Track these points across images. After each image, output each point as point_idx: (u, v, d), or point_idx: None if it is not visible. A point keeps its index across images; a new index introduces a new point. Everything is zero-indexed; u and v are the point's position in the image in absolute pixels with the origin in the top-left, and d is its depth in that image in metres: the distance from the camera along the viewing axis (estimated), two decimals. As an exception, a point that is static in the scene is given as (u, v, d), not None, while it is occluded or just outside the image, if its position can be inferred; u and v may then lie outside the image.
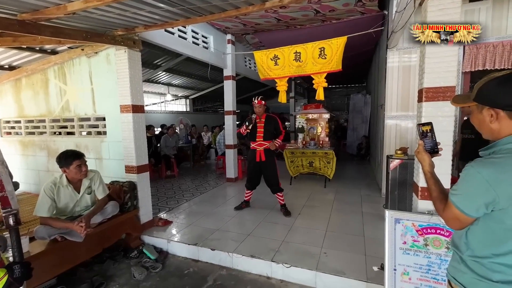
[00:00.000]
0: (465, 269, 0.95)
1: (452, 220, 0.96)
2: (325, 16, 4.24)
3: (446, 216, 0.98)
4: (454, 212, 0.94)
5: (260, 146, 3.67)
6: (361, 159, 8.12)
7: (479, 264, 0.92)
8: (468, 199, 0.90)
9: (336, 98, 12.95)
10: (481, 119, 0.94)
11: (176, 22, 2.88)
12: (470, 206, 0.89)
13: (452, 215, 0.95)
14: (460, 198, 0.92)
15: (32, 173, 4.30)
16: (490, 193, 0.84)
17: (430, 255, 1.77)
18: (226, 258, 2.70)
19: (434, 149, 1.15)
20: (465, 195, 0.90)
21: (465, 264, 0.96)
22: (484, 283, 0.90)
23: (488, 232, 0.90)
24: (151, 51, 6.07)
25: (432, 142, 1.15)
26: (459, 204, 0.92)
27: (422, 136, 1.16)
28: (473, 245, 0.94)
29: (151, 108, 11.48)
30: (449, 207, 0.96)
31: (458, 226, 0.96)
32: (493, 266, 0.88)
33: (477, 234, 0.93)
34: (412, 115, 3.90)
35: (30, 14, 2.29)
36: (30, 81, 3.96)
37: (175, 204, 4.27)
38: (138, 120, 3.22)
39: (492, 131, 0.91)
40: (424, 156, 1.12)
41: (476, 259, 0.92)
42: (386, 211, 1.89)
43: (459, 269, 0.98)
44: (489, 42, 3.29)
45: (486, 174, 0.84)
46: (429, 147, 1.15)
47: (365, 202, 4.10)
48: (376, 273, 2.26)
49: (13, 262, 1.22)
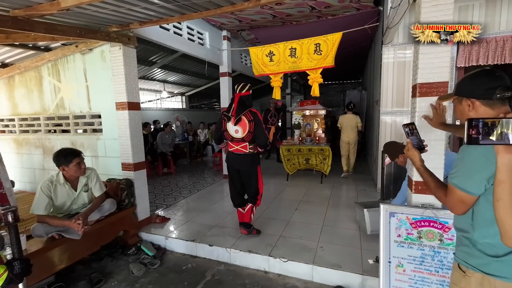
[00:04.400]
0: (477, 253, 1.00)
1: (456, 203, 1.00)
2: (320, 13, 4.24)
3: (449, 201, 1.03)
4: (457, 195, 0.99)
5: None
6: (357, 154, 8.17)
7: (489, 245, 0.97)
8: (470, 176, 0.95)
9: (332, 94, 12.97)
10: (461, 109, 1.08)
11: (171, 18, 2.86)
12: (472, 183, 0.95)
13: (456, 198, 0.99)
14: (461, 178, 0.97)
15: (27, 172, 4.26)
16: (488, 166, 0.91)
17: (424, 248, 1.81)
18: (224, 254, 2.73)
19: (420, 146, 1.25)
20: (466, 174, 0.97)
21: (476, 248, 1.01)
22: (497, 262, 0.96)
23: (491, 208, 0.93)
24: (146, 48, 6.02)
25: (418, 139, 1.27)
26: (462, 184, 0.97)
27: (409, 134, 1.27)
28: (481, 225, 0.99)
29: (147, 105, 11.39)
30: (451, 191, 1.01)
31: (463, 209, 1.00)
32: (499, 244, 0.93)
33: (482, 213, 0.98)
34: (407, 111, 3.94)
35: (23, 10, 2.26)
36: (24, 79, 3.91)
37: (173, 201, 4.28)
38: (134, 117, 3.21)
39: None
40: (414, 152, 1.22)
41: (486, 238, 0.98)
42: (381, 205, 1.93)
43: (470, 253, 1.03)
44: (482, 38, 3.32)
45: (482, 150, 0.92)
46: (416, 144, 1.26)
47: (361, 197, 4.15)
48: (372, 265, 2.31)
49: (13, 259, 1.23)
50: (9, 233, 1.24)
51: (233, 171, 2.94)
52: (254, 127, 2.71)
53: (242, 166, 2.86)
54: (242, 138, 2.76)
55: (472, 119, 0.80)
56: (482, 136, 0.78)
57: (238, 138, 2.78)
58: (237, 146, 2.82)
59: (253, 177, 2.90)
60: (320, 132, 5.75)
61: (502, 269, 0.95)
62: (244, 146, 2.80)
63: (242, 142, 2.78)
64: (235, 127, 2.74)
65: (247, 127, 2.71)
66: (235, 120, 2.71)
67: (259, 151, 2.87)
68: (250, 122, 2.71)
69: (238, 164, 2.86)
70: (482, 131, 0.78)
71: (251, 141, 2.77)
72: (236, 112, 2.71)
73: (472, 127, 0.79)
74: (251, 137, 2.74)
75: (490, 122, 0.78)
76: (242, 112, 2.70)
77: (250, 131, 2.72)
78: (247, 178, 2.91)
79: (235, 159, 2.87)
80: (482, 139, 0.79)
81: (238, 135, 2.76)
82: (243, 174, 2.90)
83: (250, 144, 2.78)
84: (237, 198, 2.99)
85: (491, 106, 0.99)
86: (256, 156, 2.88)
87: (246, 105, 2.75)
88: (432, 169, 1.18)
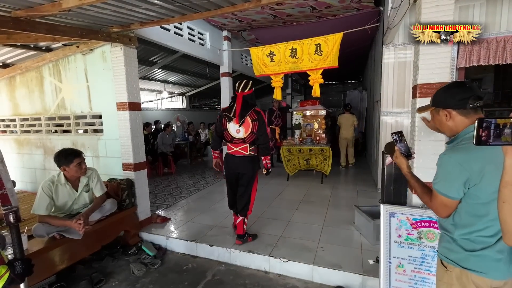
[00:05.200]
0: (457, 248, 1.06)
1: (440, 207, 1.07)
2: (321, 13, 4.25)
3: (434, 205, 1.10)
4: (440, 199, 1.06)
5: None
6: (358, 155, 8.18)
7: (468, 241, 1.04)
8: (448, 182, 1.03)
9: (332, 94, 12.96)
10: (439, 119, 1.13)
11: (172, 19, 2.87)
12: (451, 188, 1.02)
13: (439, 202, 1.06)
14: (441, 184, 1.04)
15: (28, 172, 4.27)
16: (463, 173, 0.98)
17: (424, 248, 1.81)
18: (224, 254, 2.73)
19: (408, 153, 1.31)
20: (445, 180, 1.03)
21: (456, 243, 1.07)
22: (473, 257, 1.02)
23: (469, 210, 1.02)
24: (147, 48, 6.03)
25: (405, 147, 1.31)
26: (442, 189, 1.04)
27: (397, 141, 1.31)
28: (460, 225, 1.05)
29: (147, 105, 11.40)
30: (435, 196, 1.08)
31: (446, 212, 1.07)
32: (477, 239, 1.02)
33: (461, 214, 1.04)
34: (407, 111, 3.93)
35: (24, 11, 2.26)
36: (25, 79, 3.92)
37: (173, 201, 4.28)
38: (135, 117, 3.21)
39: (450, 128, 1.10)
40: (402, 159, 1.29)
41: (465, 236, 1.04)
42: (382, 206, 1.93)
43: (450, 249, 1.09)
44: (483, 38, 3.32)
45: (457, 158, 1.01)
46: (403, 151, 1.30)
47: (362, 197, 4.15)
48: (372, 266, 2.31)
49: (14, 259, 1.23)
50: (10, 233, 1.25)
51: (231, 174, 2.80)
52: (258, 128, 2.58)
53: (242, 169, 2.70)
54: (243, 139, 2.62)
55: (483, 119, 0.77)
56: (493, 137, 0.77)
57: (239, 139, 2.64)
58: (237, 147, 2.67)
59: (249, 184, 2.73)
60: (320, 132, 5.75)
61: (479, 264, 1.01)
62: (244, 148, 2.65)
63: (242, 143, 2.64)
64: (237, 127, 2.61)
65: (250, 127, 2.58)
66: (239, 122, 2.57)
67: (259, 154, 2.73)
68: (253, 121, 2.57)
69: (237, 167, 2.72)
70: (493, 133, 0.76)
71: (252, 143, 2.64)
72: (240, 114, 2.55)
73: (482, 128, 0.77)
74: (253, 139, 2.61)
75: (502, 124, 0.76)
76: (246, 114, 2.55)
77: (252, 132, 2.58)
78: (242, 181, 2.74)
79: (234, 162, 2.74)
80: (493, 140, 0.77)
81: (239, 135, 2.62)
82: (241, 178, 2.75)
83: (250, 146, 2.64)
84: (234, 204, 2.90)
85: (466, 115, 1.05)
86: (256, 159, 2.74)
87: (249, 105, 2.60)
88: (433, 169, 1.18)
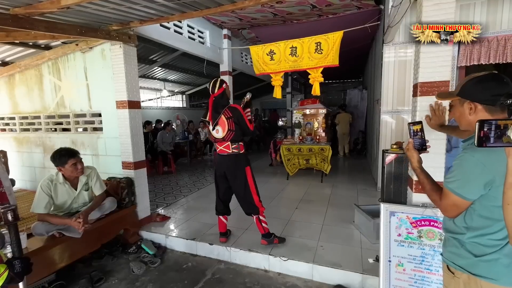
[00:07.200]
0: (465, 253, 1.02)
1: (450, 207, 1.02)
2: (321, 11, 4.23)
3: (443, 205, 1.04)
4: (452, 199, 1.00)
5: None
6: (358, 153, 8.18)
7: (477, 244, 0.99)
8: (467, 183, 0.96)
9: (332, 93, 12.95)
10: (462, 111, 1.06)
11: (171, 17, 2.85)
12: (469, 189, 0.96)
13: (451, 202, 1.01)
14: (458, 184, 0.98)
15: (28, 170, 4.27)
16: (485, 173, 0.92)
17: (424, 247, 1.81)
18: (224, 252, 2.73)
19: (422, 146, 1.22)
20: (463, 180, 0.97)
21: (464, 248, 1.02)
22: (483, 262, 0.97)
23: (483, 212, 0.97)
24: (147, 46, 6.00)
25: (421, 140, 1.23)
26: (458, 189, 0.98)
27: (413, 134, 1.24)
28: (473, 227, 1.00)
29: (147, 104, 11.39)
30: (447, 195, 1.01)
31: (456, 212, 1.02)
32: (489, 243, 0.98)
33: (473, 216, 1.00)
34: (408, 110, 3.93)
35: (23, 8, 2.25)
36: (24, 77, 3.91)
37: (173, 199, 4.28)
38: (135, 116, 3.20)
39: (470, 122, 1.02)
40: (413, 153, 1.21)
41: (475, 239, 0.99)
42: (382, 204, 1.93)
43: (458, 254, 1.04)
44: (484, 37, 3.31)
45: (480, 157, 0.93)
46: (418, 144, 1.23)
47: (361, 196, 4.15)
48: (372, 264, 2.31)
49: (13, 258, 1.23)
50: (9, 232, 1.25)
51: (219, 173, 2.72)
52: (235, 123, 2.52)
53: (227, 168, 2.63)
54: (223, 138, 2.58)
55: (484, 120, 0.77)
56: (494, 138, 0.76)
57: (219, 138, 2.61)
58: (221, 146, 2.63)
59: (241, 182, 2.61)
60: (320, 131, 5.74)
61: (489, 270, 0.97)
62: (226, 146, 2.60)
63: (223, 141, 2.60)
64: (215, 127, 2.59)
65: (226, 125, 2.52)
66: (213, 124, 2.56)
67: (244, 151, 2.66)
68: (228, 119, 2.51)
69: (223, 166, 2.66)
70: (494, 134, 0.76)
71: (233, 140, 2.58)
72: (212, 116, 2.55)
73: (484, 129, 0.76)
74: (232, 136, 2.55)
75: (503, 125, 0.75)
76: (219, 114, 2.52)
77: (230, 129, 2.52)
78: (234, 182, 2.64)
79: (219, 161, 2.69)
80: (494, 141, 0.76)
81: (219, 135, 2.59)
82: (230, 178, 2.65)
83: (232, 144, 2.58)
84: (219, 205, 2.81)
85: (491, 112, 0.97)
86: (241, 156, 2.63)
87: (221, 105, 2.55)
88: (433, 168, 1.17)
